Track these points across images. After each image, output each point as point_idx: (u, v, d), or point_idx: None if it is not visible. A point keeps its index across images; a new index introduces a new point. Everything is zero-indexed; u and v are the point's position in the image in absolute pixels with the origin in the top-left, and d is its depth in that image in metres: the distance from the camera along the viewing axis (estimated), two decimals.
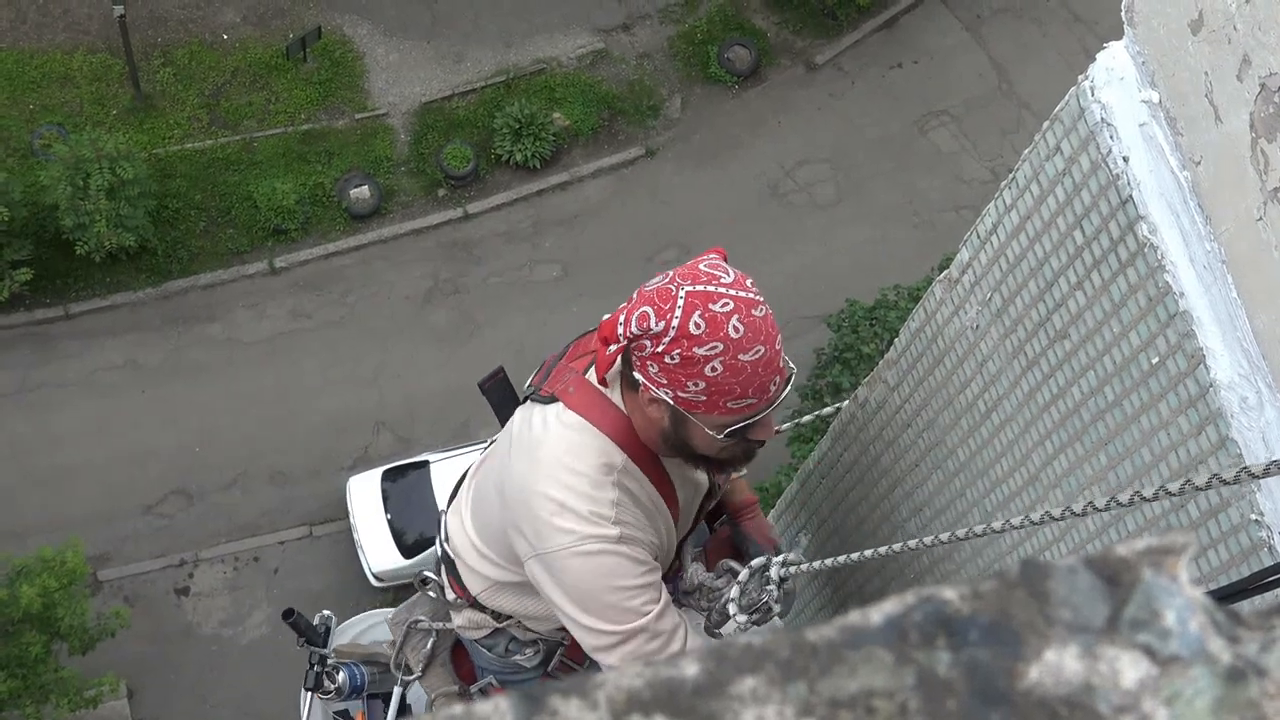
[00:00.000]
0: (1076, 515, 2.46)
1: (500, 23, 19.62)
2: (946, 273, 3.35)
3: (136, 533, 17.02)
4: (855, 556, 3.25)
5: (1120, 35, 2.65)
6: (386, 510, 16.64)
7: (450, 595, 3.93)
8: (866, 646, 0.74)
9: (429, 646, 4.36)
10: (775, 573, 3.45)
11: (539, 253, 18.62)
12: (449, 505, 3.94)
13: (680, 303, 3.00)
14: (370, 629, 4.84)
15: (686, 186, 19.00)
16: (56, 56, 18.90)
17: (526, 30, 19.60)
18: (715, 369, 3.02)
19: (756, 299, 3.05)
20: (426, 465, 16.69)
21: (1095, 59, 2.65)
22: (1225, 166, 2.45)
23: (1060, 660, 0.74)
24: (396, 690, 4.47)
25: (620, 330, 3.07)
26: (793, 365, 3.20)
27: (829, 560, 3.40)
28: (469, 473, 3.88)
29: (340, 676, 4.53)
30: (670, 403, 3.11)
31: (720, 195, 18.81)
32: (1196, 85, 2.46)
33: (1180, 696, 0.73)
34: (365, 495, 16.78)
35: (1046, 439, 3.12)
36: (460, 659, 4.37)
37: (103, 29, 18.89)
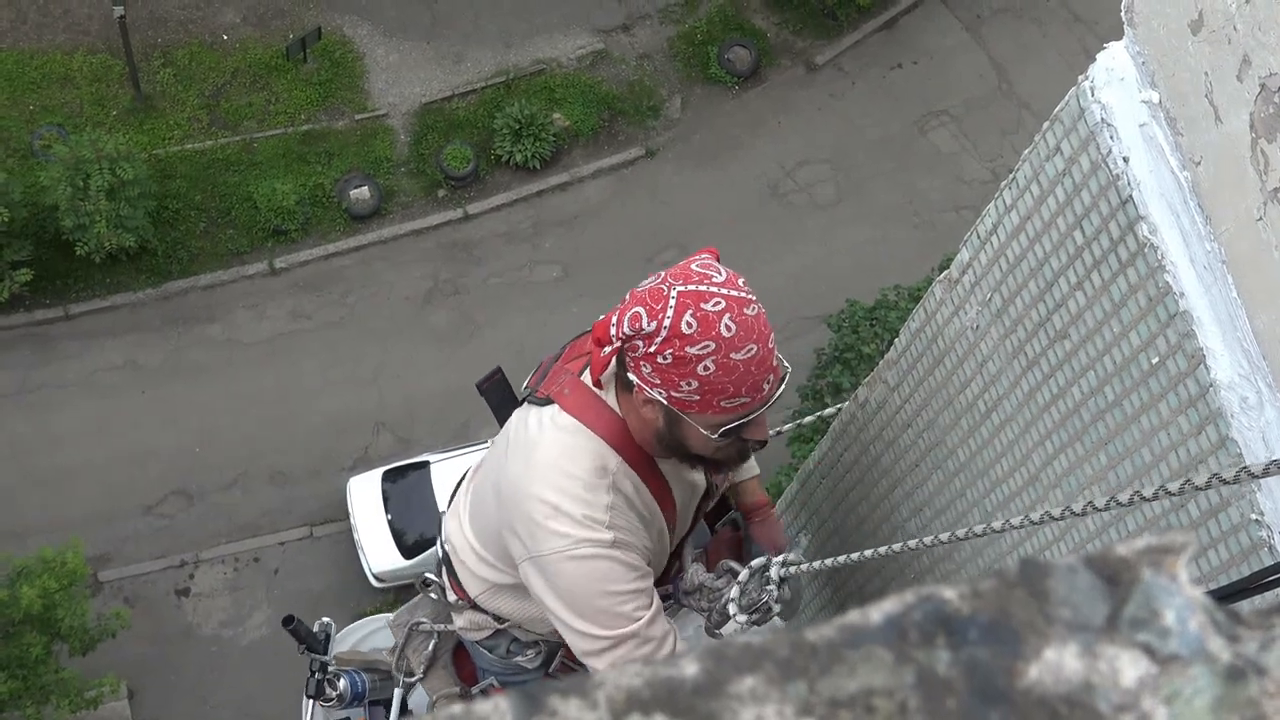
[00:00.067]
0: (1076, 515, 2.46)
1: (500, 23, 19.61)
2: (947, 273, 3.35)
3: (137, 533, 17.02)
4: (855, 556, 3.25)
5: (1120, 35, 2.65)
6: (387, 511, 16.63)
7: (451, 597, 3.93)
8: (866, 646, 0.74)
9: (430, 648, 4.36)
10: (775, 573, 3.46)
11: (539, 253, 18.62)
12: (448, 507, 3.95)
13: (672, 302, 3.00)
14: (369, 635, 4.83)
15: (686, 187, 18.99)
16: (57, 57, 18.90)
17: (526, 31, 19.60)
18: (708, 368, 3.01)
19: (748, 298, 3.04)
20: (427, 466, 16.69)
21: (1095, 59, 2.65)
22: (1225, 167, 2.45)
23: (1060, 659, 0.74)
24: (398, 692, 4.47)
25: (613, 331, 3.07)
26: (787, 365, 3.19)
27: (829, 560, 3.40)
28: (467, 474, 3.88)
29: (341, 684, 4.53)
30: (664, 403, 3.11)
31: (720, 196, 18.81)
32: (1196, 85, 2.46)
33: (1180, 695, 0.73)
34: (365, 496, 16.78)
35: (1047, 439, 3.12)
36: (462, 661, 4.37)
37: (103, 30, 18.89)
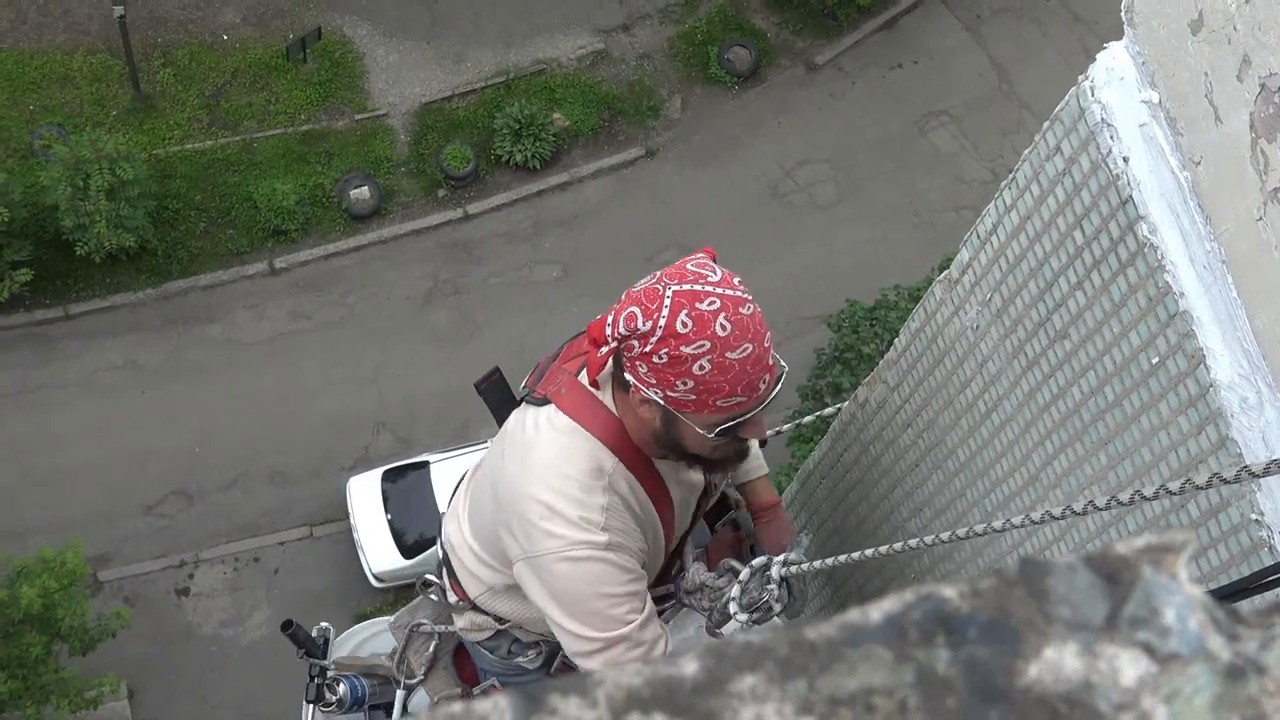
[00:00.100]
0: (1077, 514, 2.46)
1: (500, 23, 19.61)
2: (947, 273, 3.35)
3: (137, 533, 17.02)
4: (855, 556, 3.25)
5: (1120, 35, 2.65)
6: (387, 511, 16.63)
7: (452, 598, 3.93)
8: (866, 644, 0.74)
9: (431, 650, 4.36)
10: (776, 572, 3.46)
11: (539, 253, 18.61)
12: (447, 508, 3.95)
13: (667, 302, 3.00)
14: (368, 640, 4.82)
15: (686, 187, 18.99)
16: (57, 57, 18.90)
17: (526, 31, 19.60)
18: (703, 367, 3.01)
19: (744, 297, 3.04)
20: (427, 466, 16.69)
21: (1095, 59, 2.65)
22: (1225, 167, 2.45)
23: (1060, 658, 0.74)
24: (400, 694, 4.47)
25: (608, 331, 3.07)
26: (784, 364, 3.19)
27: (829, 560, 3.40)
28: (466, 476, 3.88)
29: (341, 689, 4.52)
30: (660, 403, 3.11)
31: (720, 195, 18.81)
32: (1196, 85, 2.46)
33: (1180, 694, 0.73)
34: (365, 496, 16.77)
35: (1047, 439, 3.12)
36: (463, 662, 4.37)
37: (103, 30, 18.89)
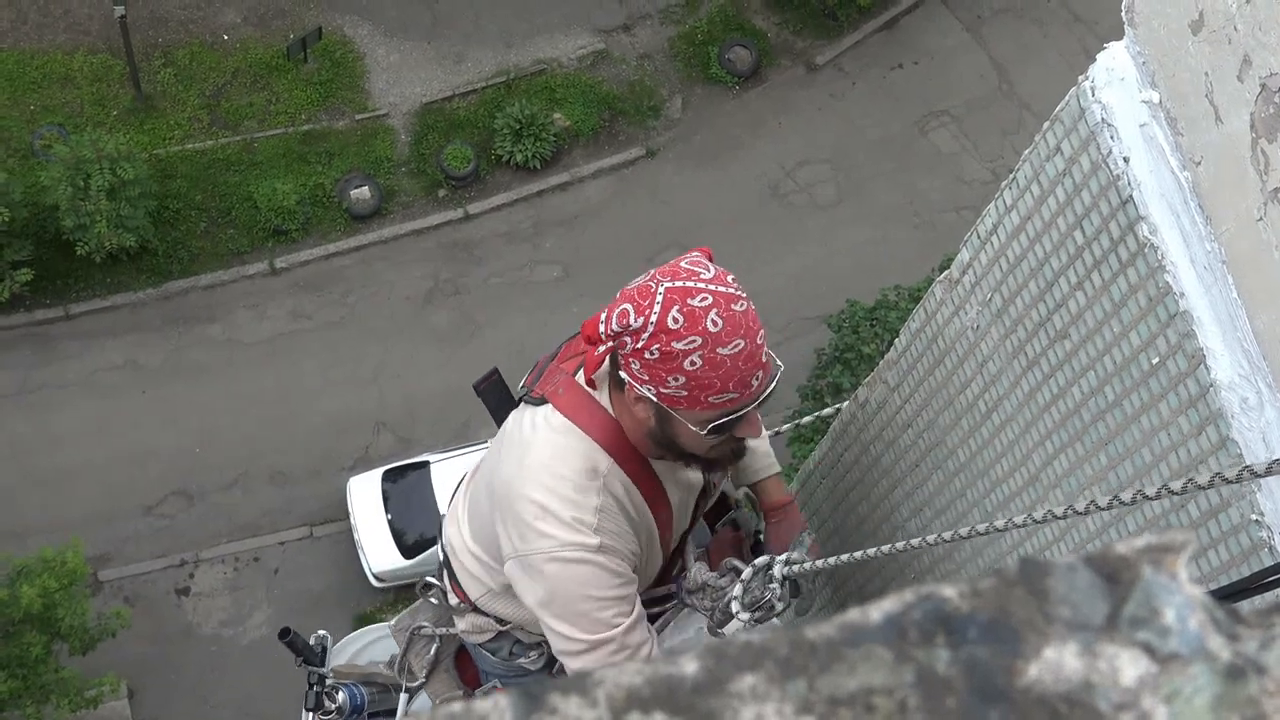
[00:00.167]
0: (1079, 514, 2.46)
1: (501, 23, 19.61)
2: (947, 273, 3.35)
3: (137, 533, 17.02)
4: (856, 556, 3.25)
5: (1120, 35, 2.65)
6: (387, 511, 16.63)
7: (453, 600, 3.93)
8: (866, 644, 0.74)
9: (433, 652, 4.36)
10: (779, 571, 3.46)
11: (539, 253, 18.61)
12: (448, 510, 3.95)
13: (659, 299, 3.01)
14: (366, 648, 4.82)
15: (687, 187, 18.99)
16: (57, 57, 18.90)
17: (527, 31, 19.60)
18: (694, 363, 3.01)
19: (736, 294, 3.04)
20: (427, 466, 16.69)
21: (1096, 59, 2.65)
22: (1226, 167, 2.45)
23: (1060, 658, 0.74)
24: (402, 698, 4.47)
25: (602, 329, 3.08)
26: (780, 363, 3.19)
27: (830, 560, 3.40)
28: (465, 477, 3.88)
29: (340, 696, 4.52)
30: (654, 400, 3.11)
31: (721, 196, 18.80)
32: (1197, 85, 2.46)
33: (1180, 694, 0.73)
34: (366, 496, 16.77)
35: (1047, 439, 3.12)
36: (464, 664, 4.36)
37: (103, 29, 18.89)
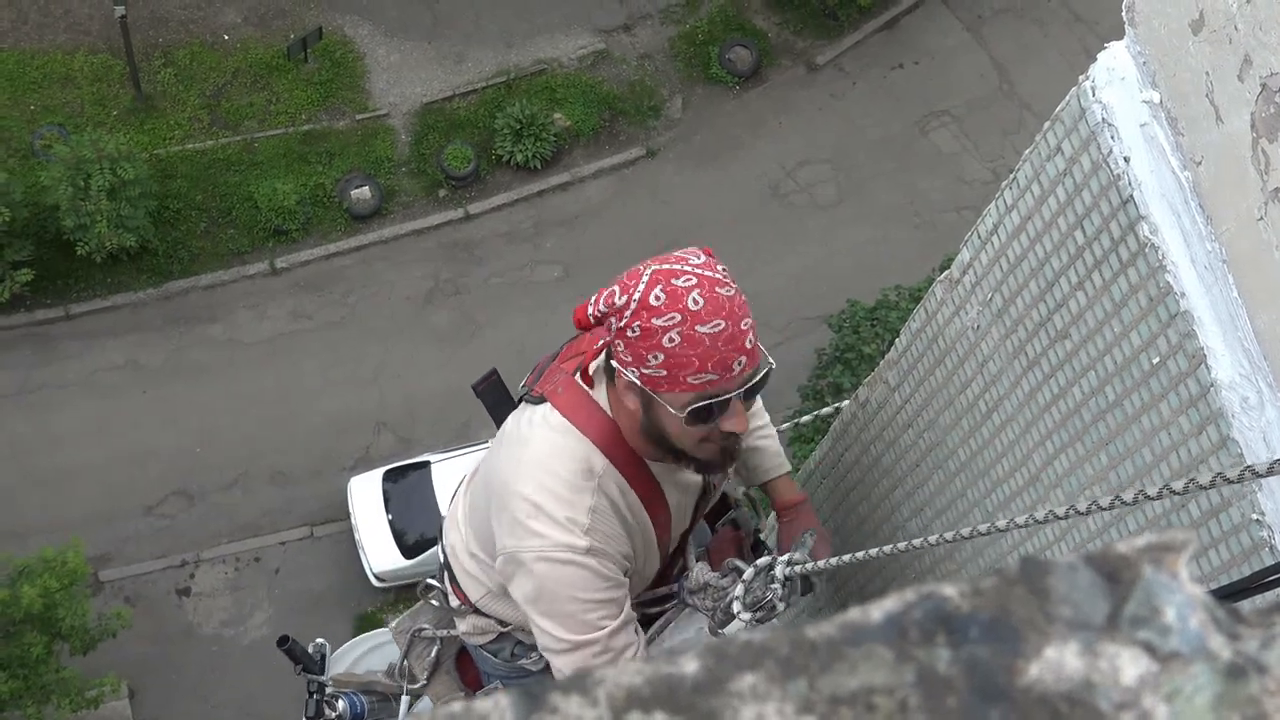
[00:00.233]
0: (1080, 514, 2.46)
1: (501, 23, 19.61)
2: (947, 273, 3.35)
3: (137, 533, 17.02)
4: (857, 556, 3.25)
5: (1121, 35, 2.65)
6: (387, 511, 16.63)
7: (454, 602, 3.92)
8: (866, 644, 0.74)
9: (433, 654, 4.35)
10: (780, 571, 3.47)
11: (540, 253, 18.61)
12: (448, 512, 3.95)
13: (645, 278, 3.05)
14: (365, 656, 4.82)
15: (687, 187, 18.99)
16: (58, 57, 18.90)
17: (527, 31, 19.60)
18: (673, 339, 3.02)
19: (723, 279, 3.06)
20: (427, 466, 16.69)
21: (1096, 59, 2.65)
22: (1226, 166, 2.45)
23: (1060, 657, 0.74)
24: (404, 700, 4.47)
25: (590, 310, 3.12)
26: (771, 360, 3.19)
27: (831, 560, 3.40)
28: (465, 479, 3.89)
29: (340, 705, 4.52)
30: (637, 382, 3.12)
31: (721, 196, 18.81)
32: (1197, 85, 2.46)
33: (1180, 693, 0.73)
34: (366, 496, 16.77)
35: (1047, 439, 3.12)
36: (465, 666, 4.36)
37: (104, 29, 18.89)
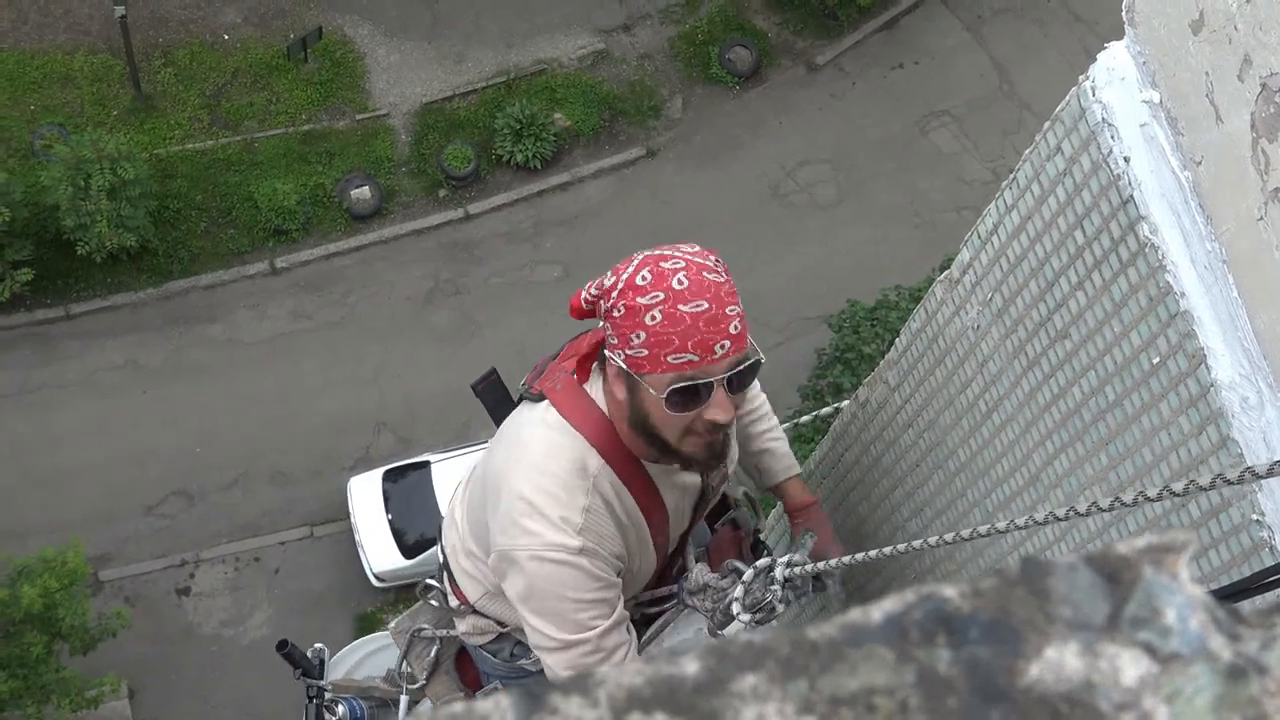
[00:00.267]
0: (1080, 515, 2.46)
1: (501, 23, 19.61)
2: (947, 273, 3.35)
3: (137, 533, 17.02)
4: (858, 557, 3.25)
5: (1121, 35, 2.65)
6: (387, 510, 16.63)
7: (453, 602, 3.92)
8: (867, 644, 0.74)
9: (433, 655, 4.35)
10: (780, 573, 3.47)
11: (540, 253, 18.62)
12: (447, 512, 3.95)
13: (635, 262, 3.09)
14: (363, 661, 4.82)
15: (687, 187, 18.99)
16: (58, 57, 18.90)
17: (527, 31, 19.60)
18: (655, 317, 3.03)
19: (712, 266, 3.07)
20: (427, 466, 16.69)
21: (1096, 59, 2.65)
22: (1226, 166, 2.45)
23: (1061, 658, 0.74)
24: (404, 701, 4.46)
25: (583, 295, 3.16)
26: (761, 354, 3.19)
27: (831, 560, 3.40)
28: (463, 480, 3.89)
29: (340, 710, 4.52)
30: (623, 366, 3.12)
31: (721, 196, 18.81)
32: (1197, 85, 2.46)
33: (1181, 694, 0.73)
34: (366, 495, 16.77)
35: (1047, 439, 3.12)
36: (465, 666, 4.35)
37: (104, 29, 18.89)
